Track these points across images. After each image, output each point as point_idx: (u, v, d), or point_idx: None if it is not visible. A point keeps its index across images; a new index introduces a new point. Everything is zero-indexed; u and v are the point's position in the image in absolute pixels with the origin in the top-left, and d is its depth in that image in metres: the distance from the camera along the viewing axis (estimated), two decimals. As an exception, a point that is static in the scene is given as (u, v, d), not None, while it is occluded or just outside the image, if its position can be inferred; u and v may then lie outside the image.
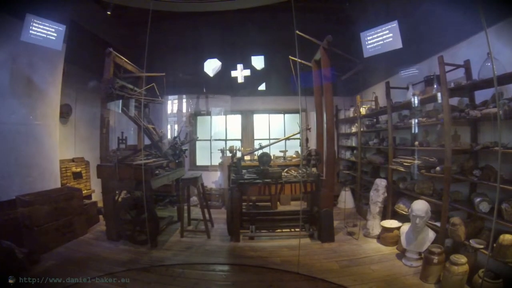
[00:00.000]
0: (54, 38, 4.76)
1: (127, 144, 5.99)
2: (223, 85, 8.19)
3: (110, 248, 4.97)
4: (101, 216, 6.00)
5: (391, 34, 4.82)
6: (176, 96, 8.76)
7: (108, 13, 5.99)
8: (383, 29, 4.87)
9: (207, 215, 5.74)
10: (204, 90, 8.49)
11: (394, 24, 4.73)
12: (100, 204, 5.92)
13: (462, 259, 3.46)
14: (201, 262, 4.51)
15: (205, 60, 7.78)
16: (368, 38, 5.07)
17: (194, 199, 7.02)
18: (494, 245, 3.21)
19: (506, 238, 3.13)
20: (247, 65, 7.65)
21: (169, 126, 8.59)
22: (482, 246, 3.50)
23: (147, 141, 6.44)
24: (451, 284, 3.44)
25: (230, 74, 7.77)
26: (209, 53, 7.72)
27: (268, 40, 7.03)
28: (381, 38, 4.90)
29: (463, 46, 4.30)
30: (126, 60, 5.85)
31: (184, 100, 8.93)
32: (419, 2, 4.51)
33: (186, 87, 8.49)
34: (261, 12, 6.29)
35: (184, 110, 8.86)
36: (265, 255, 4.75)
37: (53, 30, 4.72)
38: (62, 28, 4.81)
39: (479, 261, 3.60)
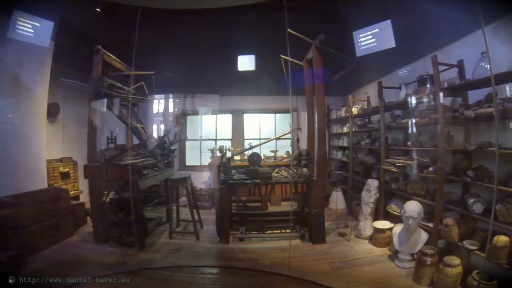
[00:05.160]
0: (41, 35, 4.61)
1: (116, 144, 5.86)
2: (212, 84, 8.09)
3: (97, 250, 4.84)
4: (89, 218, 5.86)
5: (384, 33, 4.77)
6: (163, 95, 8.65)
7: (98, 9, 5.85)
8: (376, 28, 4.83)
9: (196, 216, 5.63)
10: (193, 89, 8.38)
11: (388, 23, 4.69)
12: (88, 205, 5.78)
13: (456, 260, 3.43)
14: (189, 265, 4.40)
15: (195, 59, 7.66)
16: (361, 37, 5.01)
17: (183, 199, 6.90)
18: (488, 246, 3.17)
19: (500, 239, 3.10)
20: (235, 64, 7.57)
21: (155, 126, 8.45)
22: (475, 247, 3.47)
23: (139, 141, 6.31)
24: (444, 286, 3.41)
25: (219, 73, 7.66)
26: (199, 51, 7.60)
27: (259, 39, 6.94)
28: (374, 37, 4.86)
29: (456, 46, 4.28)
30: (115, 58, 5.72)
31: (172, 100, 8.81)
32: (413, 1, 4.47)
33: (175, 86, 8.36)
34: (252, 11, 6.20)
35: (172, 109, 8.74)
36: (255, 257, 4.67)
37: (40, 26, 4.56)
38: (50, 24, 4.66)
39: (473, 262, 3.57)
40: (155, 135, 7.40)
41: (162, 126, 8.29)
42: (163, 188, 6.92)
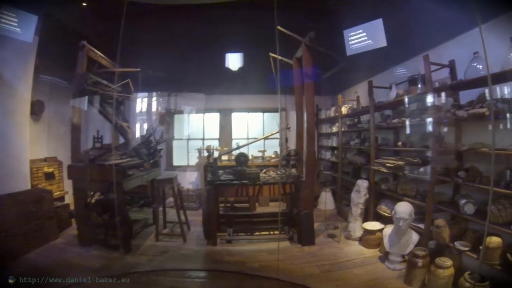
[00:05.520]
0: (25, 29, 4.45)
1: (103, 143, 5.70)
2: (199, 82, 7.97)
3: (81, 253, 4.67)
4: (73, 220, 5.65)
5: (375, 32, 4.74)
6: (149, 93, 8.46)
7: (84, 4, 5.68)
8: (367, 26, 4.79)
9: (183, 218, 5.52)
10: (180, 88, 8.24)
11: (379, 22, 4.66)
12: (73, 207, 5.59)
13: (448, 262, 3.41)
14: (176, 268, 4.29)
15: (181, 56, 7.52)
16: (352, 35, 4.98)
17: (170, 200, 6.78)
18: (480, 247, 3.14)
19: (492, 240, 3.08)
20: (223, 62, 7.47)
21: (140, 125, 8.27)
22: (467, 248, 3.44)
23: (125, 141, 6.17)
24: (436, 287, 3.37)
25: (207, 71, 7.55)
26: (186, 49, 7.47)
27: (248, 36, 6.86)
28: (365, 36, 4.82)
29: (447, 46, 4.27)
30: (101, 54, 5.57)
31: (157, 98, 8.64)
32: (405, 0, 4.45)
33: (161, 84, 8.19)
34: (241, 8, 6.12)
35: (158, 108, 8.58)
36: (243, 259, 4.57)
37: (24, 21, 4.40)
38: (34, 19, 4.49)
39: (464, 263, 3.56)
40: (138, 134, 7.24)
41: (148, 125, 8.11)
42: (150, 189, 6.78)
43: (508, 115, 3.12)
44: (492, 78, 3.14)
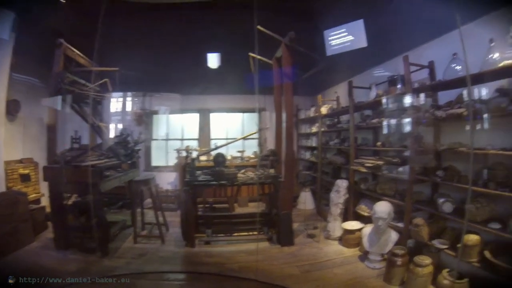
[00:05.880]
0: (0, 26, 4.29)
1: (81, 144, 5.50)
2: (178, 82, 7.84)
3: (58, 257, 4.50)
4: (50, 223, 5.43)
5: (356, 33, 4.77)
6: (126, 93, 8.26)
7: (63, 0, 5.48)
8: (348, 27, 4.82)
9: (161, 219, 5.43)
10: (157, 88, 8.07)
11: (360, 23, 4.69)
12: (49, 209, 5.38)
13: (426, 260, 3.44)
14: (154, 271, 4.18)
15: (160, 56, 7.37)
16: (332, 36, 4.99)
17: (149, 201, 6.63)
18: (459, 245, 3.19)
19: (470, 238, 3.13)
20: (203, 61, 7.38)
21: (117, 125, 8.05)
22: (445, 246, 3.49)
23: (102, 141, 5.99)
24: (415, 285, 3.41)
25: (186, 71, 7.43)
26: (164, 48, 7.33)
27: (227, 36, 6.79)
28: (345, 37, 4.84)
29: (427, 47, 4.34)
30: (78, 53, 5.40)
31: (134, 98, 8.44)
32: (387, 1, 4.49)
33: (138, 84, 7.99)
34: (220, 7, 6.04)
35: (133, 108, 8.38)
36: (222, 261, 4.51)
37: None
38: (10, 15, 4.29)
39: (443, 261, 3.62)
40: (113, 134, 7.06)
41: (125, 125, 7.90)
42: (128, 190, 6.61)
43: (485, 115, 3.16)
44: (470, 79, 3.21)
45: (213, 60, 6.77)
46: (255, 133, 6.22)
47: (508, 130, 3.11)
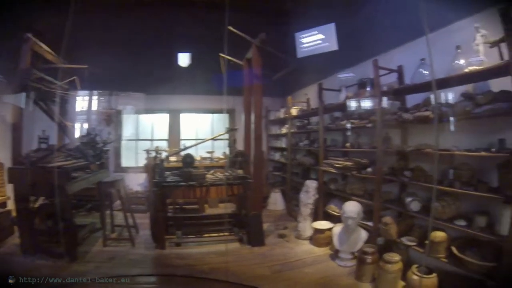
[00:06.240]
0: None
1: (49, 144, 5.30)
2: (148, 82, 7.66)
3: (24, 263, 4.24)
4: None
5: (327, 36, 4.86)
6: (93, 92, 7.95)
7: None
8: (319, 30, 4.90)
9: (131, 221, 5.29)
10: (126, 87, 7.83)
11: (331, 26, 4.78)
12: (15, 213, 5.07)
13: (396, 257, 3.55)
14: (123, 275, 4.00)
15: (130, 55, 7.16)
16: (304, 38, 5.06)
17: (119, 203, 6.43)
18: (426, 242, 3.33)
19: (437, 235, 3.26)
20: (174, 61, 7.26)
21: (84, 125, 7.75)
22: (414, 243, 3.62)
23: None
24: (385, 282, 3.51)
25: (156, 71, 7.27)
26: (134, 47, 7.13)
27: (198, 36, 6.72)
28: (317, 39, 4.92)
29: (396, 52, 4.49)
30: (47, 49, 5.14)
31: (98, 97, 8.15)
32: (359, 6, 4.61)
33: (106, 82, 7.74)
34: (192, 6, 5.97)
35: (100, 107, 8.10)
36: (193, 263, 4.45)
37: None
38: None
39: (412, 257, 3.75)
40: (80, 134, 6.79)
41: (92, 125, 7.60)
42: (97, 192, 6.37)
43: (451, 118, 3.32)
44: (437, 84, 3.36)
45: (183, 59, 6.67)
46: (223, 134, 6.17)
47: (472, 132, 3.28)
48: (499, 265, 2.59)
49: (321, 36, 4.92)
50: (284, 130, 7.58)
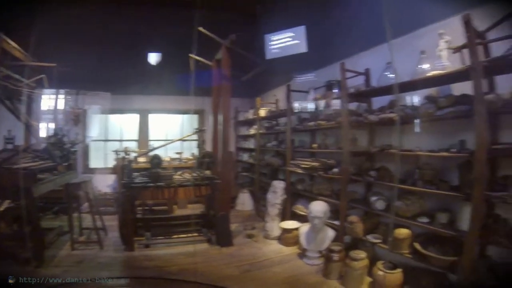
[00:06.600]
0: None
1: (15, 144, 5.03)
2: (116, 82, 7.45)
3: None
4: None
5: (296, 38, 4.93)
6: (59, 90, 7.61)
7: None
8: (289, 32, 4.96)
9: (99, 223, 5.15)
10: (94, 86, 7.55)
11: (301, 29, 4.86)
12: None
13: (361, 254, 3.66)
14: (92, 278, 3.89)
15: (99, 53, 6.91)
16: (273, 40, 5.11)
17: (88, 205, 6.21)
18: (390, 239, 3.44)
19: (401, 232, 3.39)
20: (144, 61, 7.10)
21: (46, 124, 7.40)
22: (379, 241, 3.75)
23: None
24: (352, 278, 3.61)
25: (126, 71, 7.10)
26: (105, 46, 6.90)
27: (168, 36, 6.62)
28: (286, 41, 4.98)
29: (364, 56, 4.61)
30: (15, 45, 4.92)
31: (64, 96, 7.81)
32: (329, 11, 4.70)
33: (75, 82, 7.41)
34: (163, 7, 5.88)
35: (66, 107, 7.76)
36: (162, 264, 4.38)
37: None
38: None
39: (378, 254, 3.89)
40: (46, 134, 6.49)
41: (59, 125, 7.28)
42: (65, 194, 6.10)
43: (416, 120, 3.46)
44: (402, 87, 3.50)
45: (154, 59, 6.56)
46: (191, 134, 6.11)
47: (435, 134, 3.44)
48: (460, 259, 2.71)
49: (291, 38, 4.98)
50: (252, 131, 7.61)
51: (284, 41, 5.02)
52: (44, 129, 6.34)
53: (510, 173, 2.67)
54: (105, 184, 7.66)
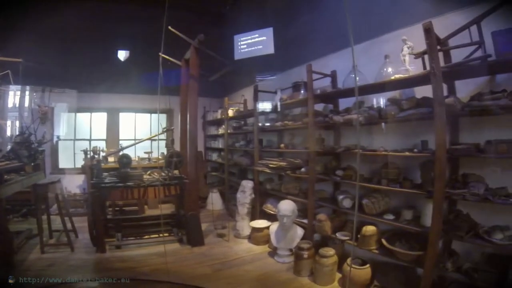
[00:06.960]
0: None
1: None
2: (83, 79, 7.21)
3: None
4: None
5: (264, 40, 4.98)
6: (25, 87, 7.25)
7: None
8: (257, 34, 5.00)
9: (69, 225, 5.05)
10: (60, 83, 7.24)
11: (269, 31, 4.91)
12: None
13: (330, 251, 3.77)
14: (64, 282, 3.76)
15: (67, 50, 6.64)
16: (242, 41, 5.15)
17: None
18: (358, 236, 3.58)
19: (368, 229, 3.52)
20: (113, 58, 6.92)
21: (10, 122, 7.02)
22: (347, 238, 3.88)
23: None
24: (322, 274, 3.72)
25: (93, 68, 6.89)
26: (72, 42, 6.63)
27: (137, 34, 6.48)
28: (254, 43, 5.02)
29: (331, 58, 4.70)
30: None
31: (29, 93, 7.45)
32: (296, 13, 4.77)
33: (41, 78, 7.07)
34: (131, 4, 5.75)
35: (32, 104, 7.40)
36: (133, 265, 4.33)
37: None
38: None
39: (347, 251, 4.01)
40: (11, 132, 6.19)
41: (25, 123, 6.91)
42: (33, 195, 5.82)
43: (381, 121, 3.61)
44: (367, 89, 3.64)
45: (122, 55, 6.41)
46: (159, 134, 6.02)
47: (399, 134, 3.60)
48: (425, 253, 2.86)
49: (259, 39, 5.02)
50: (221, 131, 7.60)
51: (252, 42, 5.06)
52: (10, 127, 6.07)
53: (469, 172, 2.85)
54: (74, 184, 7.47)
